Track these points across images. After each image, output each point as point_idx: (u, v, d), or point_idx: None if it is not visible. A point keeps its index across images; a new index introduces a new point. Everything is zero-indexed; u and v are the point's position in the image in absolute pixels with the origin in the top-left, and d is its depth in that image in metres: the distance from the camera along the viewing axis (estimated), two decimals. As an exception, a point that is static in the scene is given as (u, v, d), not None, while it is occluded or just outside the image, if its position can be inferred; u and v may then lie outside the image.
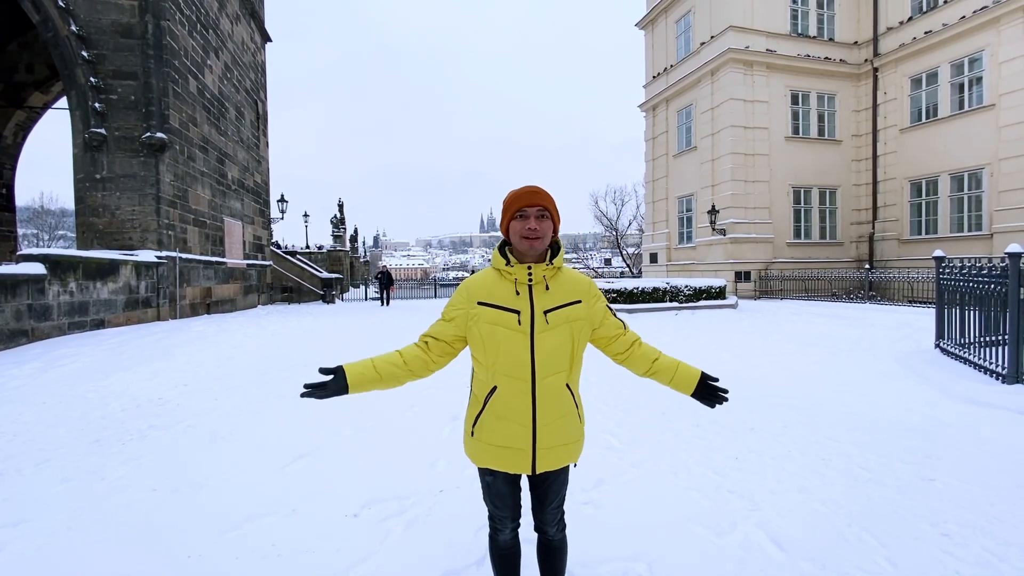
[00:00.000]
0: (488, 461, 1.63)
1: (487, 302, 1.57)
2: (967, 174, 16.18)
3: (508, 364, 1.54)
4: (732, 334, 9.66)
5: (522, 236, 1.53)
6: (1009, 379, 5.09)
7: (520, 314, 1.54)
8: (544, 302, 1.56)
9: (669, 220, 22.12)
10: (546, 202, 1.56)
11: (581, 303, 1.60)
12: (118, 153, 11.44)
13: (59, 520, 2.73)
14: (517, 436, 1.57)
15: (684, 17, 20.70)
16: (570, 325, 1.57)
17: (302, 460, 3.58)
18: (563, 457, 1.63)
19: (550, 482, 1.70)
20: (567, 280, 1.62)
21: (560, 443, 1.61)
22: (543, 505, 1.74)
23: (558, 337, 1.56)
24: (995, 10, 14.86)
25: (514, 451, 1.58)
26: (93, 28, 11.23)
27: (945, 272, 6.82)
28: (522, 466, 1.60)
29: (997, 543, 2.41)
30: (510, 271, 1.56)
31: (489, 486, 1.70)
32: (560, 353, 1.56)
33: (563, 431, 1.61)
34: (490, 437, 1.60)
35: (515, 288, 1.56)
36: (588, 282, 1.66)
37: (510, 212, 1.56)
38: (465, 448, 1.72)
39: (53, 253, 8.68)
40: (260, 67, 19.73)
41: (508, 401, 1.56)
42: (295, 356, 7.76)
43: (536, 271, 1.56)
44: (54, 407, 4.90)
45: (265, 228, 20.05)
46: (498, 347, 1.54)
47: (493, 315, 1.55)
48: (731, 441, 3.88)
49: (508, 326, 1.54)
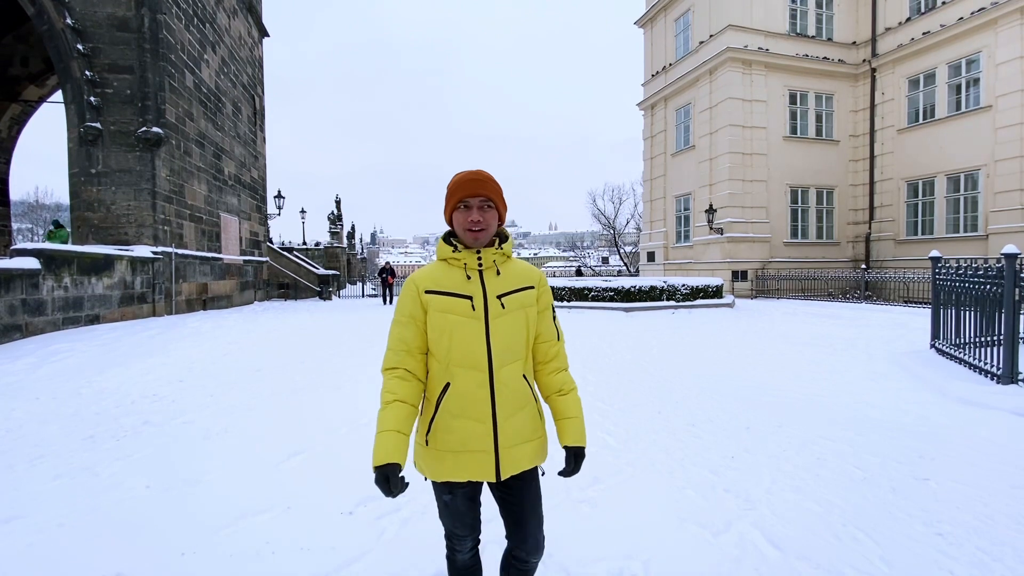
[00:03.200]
0: (446, 472, 1.48)
1: (436, 290, 1.48)
2: (963, 175, 16.23)
3: (463, 353, 1.45)
4: (729, 333, 9.67)
5: (466, 228, 1.47)
6: (1004, 380, 5.11)
7: (473, 299, 1.46)
8: (496, 286, 1.49)
9: (667, 219, 22.14)
10: (490, 192, 1.48)
11: (533, 289, 1.54)
12: (113, 147, 11.37)
13: (51, 517, 2.71)
14: (477, 436, 1.45)
15: (683, 15, 20.67)
16: (525, 311, 1.51)
17: (297, 457, 3.57)
18: (528, 457, 1.52)
19: (521, 493, 1.55)
20: (518, 267, 1.57)
21: (523, 440, 1.50)
22: (521, 526, 1.55)
23: (514, 322, 1.49)
24: (992, 12, 14.89)
25: (474, 455, 1.46)
26: (89, 21, 11.15)
27: (941, 273, 6.85)
28: (485, 471, 1.47)
29: (991, 543, 2.42)
30: (458, 256, 1.49)
31: (447, 505, 1.55)
32: (516, 339, 1.49)
33: (524, 427, 1.51)
34: (446, 442, 1.47)
35: (465, 273, 1.49)
36: (540, 272, 1.60)
37: (452, 201, 1.49)
38: (416, 462, 1.55)
39: (47, 248, 8.63)
40: (257, 62, 19.62)
41: (464, 396, 1.45)
42: (291, 353, 7.73)
43: (486, 256, 1.50)
44: (47, 403, 4.87)
45: (262, 224, 19.97)
46: (452, 336, 1.45)
47: (444, 303, 1.46)
48: (726, 440, 3.88)
49: (461, 313, 1.45)
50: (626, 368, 6.55)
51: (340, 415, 4.52)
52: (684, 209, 21.11)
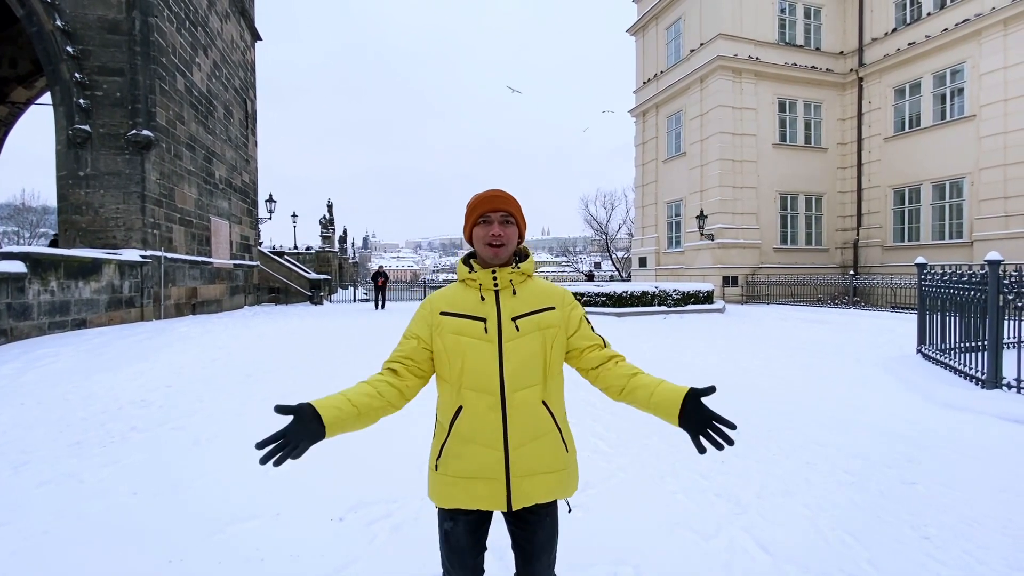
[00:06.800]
0: (455, 498, 1.41)
1: (450, 311, 1.45)
2: (948, 183, 16.51)
3: (474, 377, 1.40)
4: (719, 339, 9.74)
5: (485, 243, 1.45)
6: (988, 384, 5.19)
7: (486, 321, 1.42)
8: (512, 308, 1.44)
9: (658, 225, 22.29)
10: (510, 207, 1.47)
11: (555, 310, 1.47)
12: (103, 150, 11.25)
13: (36, 524, 2.67)
14: (487, 463, 1.38)
15: (674, 24, 20.91)
16: (542, 333, 1.44)
17: (287, 463, 3.53)
18: (545, 488, 1.42)
19: (534, 526, 1.45)
20: (538, 287, 1.51)
21: (540, 471, 1.41)
22: (531, 567, 1.46)
23: (529, 346, 1.42)
24: (976, 23, 15.21)
25: (484, 482, 1.38)
26: (79, 23, 11.06)
27: (927, 279, 6.95)
28: (495, 500, 1.39)
29: (977, 546, 2.45)
30: (474, 277, 1.46)
31: (447, 534, 1.45)
32: (532, 363, 1.42)
33: (541, 456, 1.41)
34: (456, 468, 1.41)
35: (480, 294, 1.45)
36: (563, 291, 1.54)
37: (473, 217, 1.47)
38: (429, 489, 1.48)
39: (34, 251, 8.51)
40: (249, 66, 19.55)
41: (475, 420, 1.40)
42: (282, 359, 7.68)
43: (502, 275, 1.45)
44: (33, 408, 4.80)
45: (253, 228, 19.84)
46: (463, 358, 1.40)
47: (457, 324, 1.43)
48: (718, 445, 3.90)
49: (474, 335, 1.41)
50: (618, 373, 6.57)
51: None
52: (675, 215, 21.27)
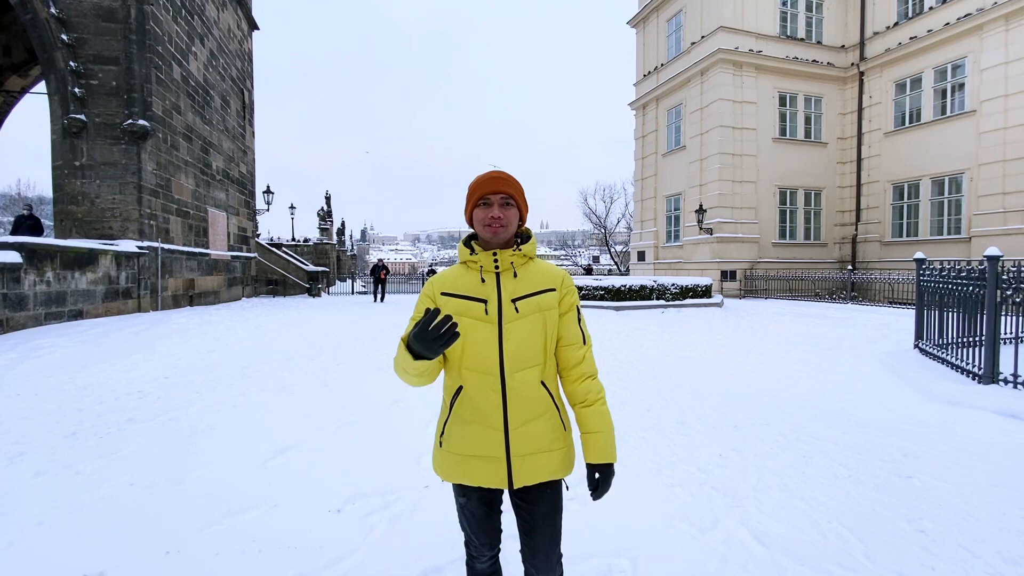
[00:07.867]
0: (457, 475, 1.46)
1: (451, 292, 1.47)
2: (948, 178, 16.49)
3: (474, 357, 1.43)
4: (717, 333, 9.75)
5: (485, 224, 1.45)
6: (985, 379, 5.20)
7: (487, 303, 1.44)
8: (512, 289, 1.45)
9: (657, 218, 22.25)
10: (511, 189, 1.47)
11: (555, 291, 1.49)
12: (98, 140, 11.17)
13: (31, 515, 2.66)
14: (488, 442, 1.43)
15: (675, 16, 20.76)
16: (543, 314, 1.46)
17: (284, 455, 3.53)
18: (546, 467, 1.46)
19: (536, 503, 1.49)
20: (539, 269, 1.52)
21: (540, 449, 1.45)
22: (532, 539, 1.50)
23: (529, 327, 1.44)
24: (978, 18, 15.12)
25: (485, 460, 1.43)
26: (73, 11, 10.94)
27: (925, 274, 6.95)
28: (497, 479, 1.43)
29: (972, 540, 2.46)
30: (475, 259, 1.48)
31: (463, 507, 1.53)
32: (531, 344, 1.44)
33: (541, 436, 1.45)
34: (458, 446, 1.46)
35: (481, 276, 1.47)
36: (564, 273, 1.54)
37: (473, 199, 1.47)
38: (433, 463, 1.54)
39: (30, 241, 8.46)
40: (247, 55, 19.38)
41: (475, 400, 1.44)
42: (279, 351, 7.66)
43: (503, 257, 1.46)
44: (29, 399, 4.78)
45: (250, 219, 19.75)
46: (464, 339, 1.42)
47: (458, 305, 1.45)
48: (715, 438, 3.91)
49: (474, 316, 1.43)
50: (616, 366, 6.58)
51: (328, 413, 4.49)
52: (674, 209, 21.23)
